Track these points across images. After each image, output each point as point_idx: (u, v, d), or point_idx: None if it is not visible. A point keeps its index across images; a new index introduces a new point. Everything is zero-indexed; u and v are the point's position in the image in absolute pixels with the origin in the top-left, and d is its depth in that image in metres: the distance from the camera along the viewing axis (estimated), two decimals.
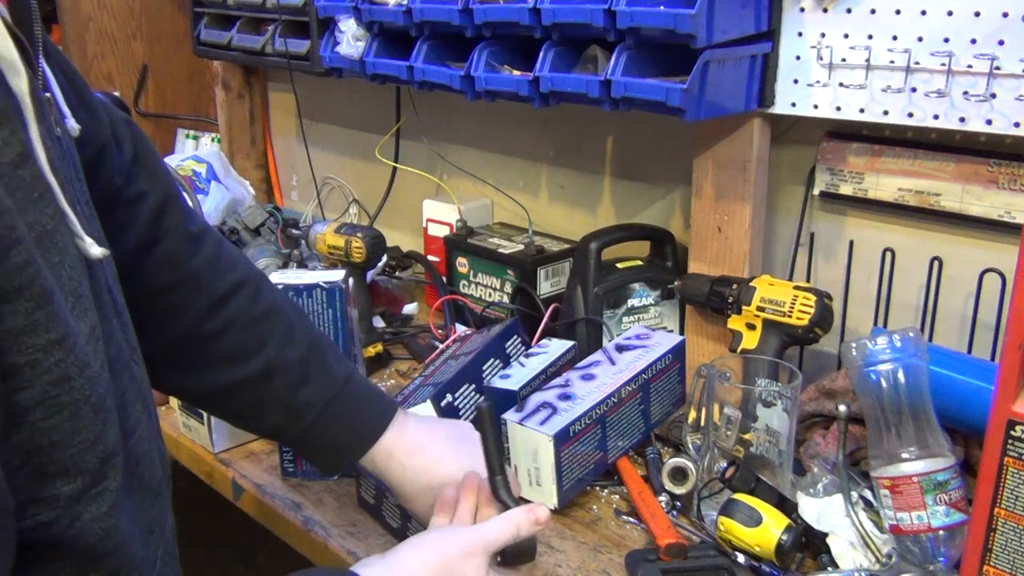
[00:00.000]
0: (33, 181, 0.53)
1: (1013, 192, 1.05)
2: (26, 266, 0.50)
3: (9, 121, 0.51)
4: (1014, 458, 0.76)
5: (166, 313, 0.83)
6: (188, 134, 2.30)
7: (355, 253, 1.44)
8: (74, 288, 0.56)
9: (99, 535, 0.56)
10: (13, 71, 0.52)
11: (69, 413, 0.53)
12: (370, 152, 1.84)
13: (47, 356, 0.51)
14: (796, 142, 1.24)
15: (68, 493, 0.54)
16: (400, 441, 0.90)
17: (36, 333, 0.50)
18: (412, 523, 0.95)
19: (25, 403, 0.51)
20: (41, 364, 0.51)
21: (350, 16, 1.44)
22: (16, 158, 0.51)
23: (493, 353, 1.21)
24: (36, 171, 0.53)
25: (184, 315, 0.84)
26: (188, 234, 0.85)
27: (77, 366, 0.53)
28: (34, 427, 0.51)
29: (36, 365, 0.51)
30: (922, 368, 0.91)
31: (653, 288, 1.37)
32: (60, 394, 0.52)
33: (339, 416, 0.88)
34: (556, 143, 1.59)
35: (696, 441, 1.08)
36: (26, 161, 0.52)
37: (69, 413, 0.53)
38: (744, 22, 1.10)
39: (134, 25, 2.21)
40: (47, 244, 0.53)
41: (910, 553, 0.89)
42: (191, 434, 1.22)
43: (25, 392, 0.51)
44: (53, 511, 0.53)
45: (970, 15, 0.99)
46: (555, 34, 1.17)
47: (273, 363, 0.86)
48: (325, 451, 0.90)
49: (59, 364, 0.52)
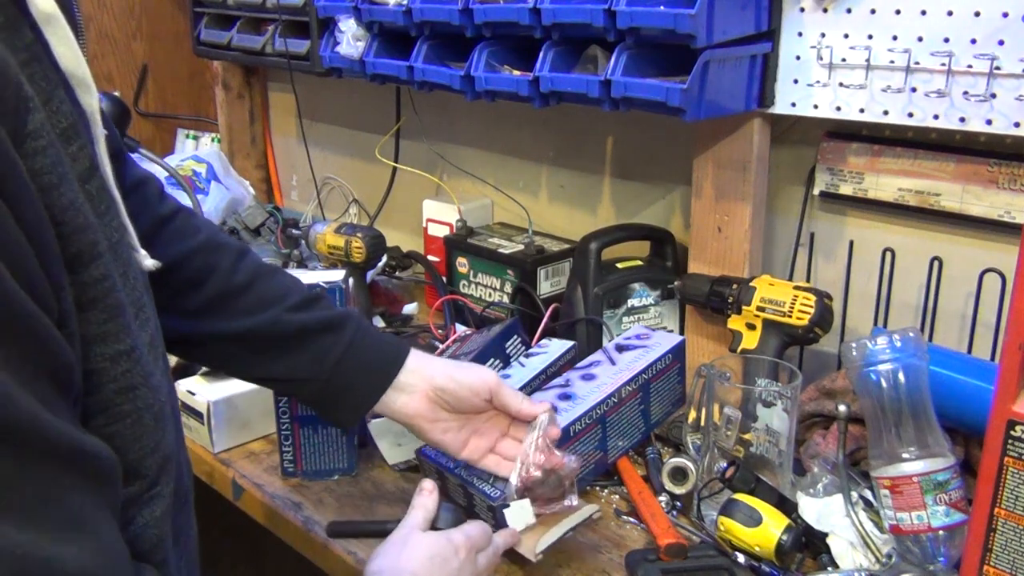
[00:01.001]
0: (100, 195, 0.55)
1: (1013, 192, 1.05)
2: (104, 279, 0.52)
3: (79, 136, 0.53)
4: (1014, 458, 0.76)
5: (196, 275, 0.89)
6: (188, 134, 2.31)
7: (355, 253, 1.44)
8: (137, 298, 0.58)
9: (153, 541, 0.57)
10: (85, 89, 0.55)
11: (132, 420, 0.55)
12: (370, 152, 1.84)
13: (114, 366, 0.53)
14: (796, 142, 1.24)
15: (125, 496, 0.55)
16: (428, 356, 0.97)
17: (106, 343, 0.52)
18: (477, 498, 0.97)
19: (88, 408, 0.52)
20: (108, 372, 0.53)
21: (350, 16, 1.44)
22: (85, 172, 0.54)
23: (493, 353, 1.21)
24: (103, 184, 0.55)
25: (214, 272, 0.90)
26: (188, 211, 0.93)
27: (141, 376, 0.55)
28: (97, 432, 0.52)
29: (103, 373, 0.53)
30: (922, 368, 0.91)
31: (653, 288, 1.37)
32: (124, 402, 0.54)
33: (370, 333, 0.95)
34: (556, 143, 1.59)
35: (696, 441, 1.08)
36: (94, 175, 0.55)
37: (132, 420, 0.55)
38: (744, 22, 1.10)
39: (134, 25, 2.21)
40: (116, 256, 0.55)
41: (910, 553, 0.89)
42: (191, 434, 1.22)
43: (90, 398, 0.52)
44: None
45: (970, 15, 0.99)
46: (555, 34, 1.17)
47: (307, 295, 0.94)
48: (369, 368, 0.94)
49: (125, 374, 0.54)
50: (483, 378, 0.95)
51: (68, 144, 0.52)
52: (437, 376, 0.94)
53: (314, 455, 1.12)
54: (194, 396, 1.18)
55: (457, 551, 0.82)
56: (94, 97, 0.56)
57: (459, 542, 0.83)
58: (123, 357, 0.54)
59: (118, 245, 0.56)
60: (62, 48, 0.53)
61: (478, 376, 0.95)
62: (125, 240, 0.58)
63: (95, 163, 0.55)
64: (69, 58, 0.54)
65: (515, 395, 0.96)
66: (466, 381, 0.94)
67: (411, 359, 0.95)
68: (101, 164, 0.56)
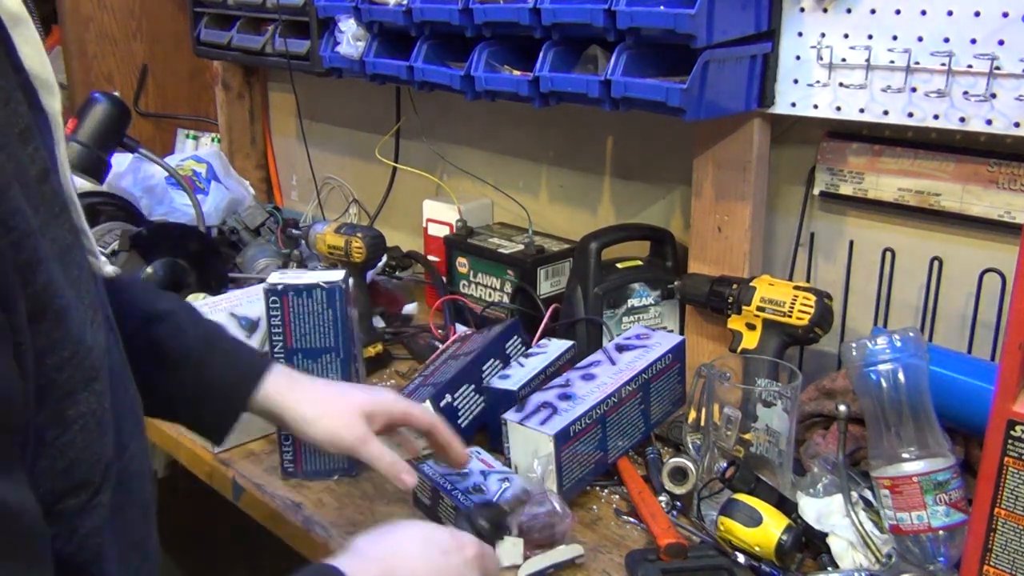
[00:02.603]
0: (54, 197, 0.54)
1: (1013, 192, 1.05)
2: (48, 285, 0.50)
3: (33, 138, 0.53)
4: (1014, 458, 0.76)
5: None
6: (188, 134, 2.31)
7: (355, 253, 1.44)
8: (92, 301, 0.57)
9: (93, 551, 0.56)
10: (49, 91, 0.55)
11: (79, 427, 0.54)
12: (370, 152, 1.84)
13: (59, 374, 0.52)
14: (796, 142, 1.24)
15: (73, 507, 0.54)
16: (294, 372, 0.92)
17: (54, 352, 0.51)
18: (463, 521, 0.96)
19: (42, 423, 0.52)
20: (55, 381, 0.52)
21: (350, 16, 1.44)
22: (39, 173, 0.53)
23: (493, 353, 1.21)
24: (57, 187, 0.55)
25: None
26: None
27: (84, 381, 0.54)
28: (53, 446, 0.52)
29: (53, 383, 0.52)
30: (922, 368, 0.91)
31: (653, 288, 1.37)
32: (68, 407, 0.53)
33: (222, 353, 0.90)
34: (556, 143, 1.59)
35: (696, 441, 1.08)
36: (48, 177, 0.54)
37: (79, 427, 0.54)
38: (744, 22, 1.10)
39: (134, 25, 2.21)
40: (67, 259, 0.54)
41: (910, 553, 0.89)
42: (191, 434, 1.22)
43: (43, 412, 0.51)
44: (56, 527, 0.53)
45: (970, 15, 0.99)
46: (555, 34, 1.17)
47: (148, 315, 0.87)
48: (222, 387, 0.89)
49: (68, 380, 0.53)
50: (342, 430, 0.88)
51: (25, 145, 0.52)
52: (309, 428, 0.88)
53: (314, 455, 1.12)
54: None
55: (462, 549, 0.75)
56: (57, 99, 0.56)
57: (468, 543, 0.77)
58: (66, 364, 0.52)
59: (71, 248, 0.55)
60: (27, 49, 0.53)
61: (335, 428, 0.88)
62: (80, 243, 0.57)
63: (52, 165, 0.55)
64: (34, 59, 0.54)
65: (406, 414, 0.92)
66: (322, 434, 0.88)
67: (268, 384, 0.89)
68: (60, 166, 0.55)
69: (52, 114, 0.56)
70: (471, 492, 0.99)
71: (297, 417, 0.88)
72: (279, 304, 1.08)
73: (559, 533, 0.96)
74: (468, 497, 0.98)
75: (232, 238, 1.87)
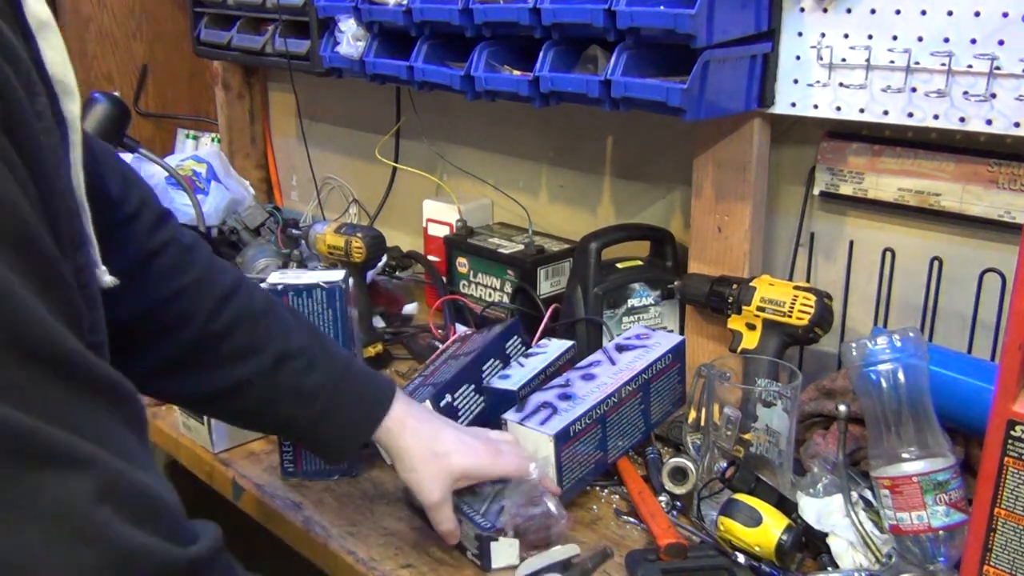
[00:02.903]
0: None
1: (1013, 192, 1.05)
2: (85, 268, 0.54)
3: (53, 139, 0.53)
4: (1014, 458, 0.76)
5: (174, 321, 0.85)
6: (188, 134, 2.31)
7: (355, 253, 1.44)
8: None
9: None
10: (69, 96, 0.55)
11: None
12: (370, 152, 1.84)
13: None
14: (796, 142, 1.24)
15: None
16: (411, 408, 0.95)
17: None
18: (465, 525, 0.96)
19: None
20: None
21: (350, 16, 1.44)
22: None
23: (493, 353, 1.21)
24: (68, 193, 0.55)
25: (192, 319, 0.85)
26: (183, 245, 0.87)
27: None
28: None
29: None
30: (922, 368, 0.91)
31: (653, 288, 1.37)
32: None
33: (348, 394, 0.92)
34: (556, 143, 1.59)
35: (696, 441, 1.08)
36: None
37: None
38: (744, 22, 1.10)
39: (134, 25, 2.21)
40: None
41: (910, 553, 0.89)
42: (191, 434, 1.22)
43: None
44: None
45: (970, 15, 0.99)
46: (555, 34, 1.17)
47: (282, 353, 0.88)
48: (338, 433, 0.93)
49: None
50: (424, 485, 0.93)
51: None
52: (400, 472, 0.94)
53: (314, 455, 1.12)
54: None
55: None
56: (76, 104, 0.56)
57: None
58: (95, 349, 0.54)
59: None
60: (52, 54, 0.54)
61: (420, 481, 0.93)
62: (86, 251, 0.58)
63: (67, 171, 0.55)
64: (58, 64, 0.54)
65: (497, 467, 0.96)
66: (410, 483, 0.94)
67: (383, 432, 0.93)
68: (74, 172, 0.56)
69: (71, 119, 0.56)
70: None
71: (398, 461, 0.94)
72: None
73: (555, 535, 0.97)
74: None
75: (232, 238, 1.87)
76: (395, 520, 1.04)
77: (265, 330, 0.88)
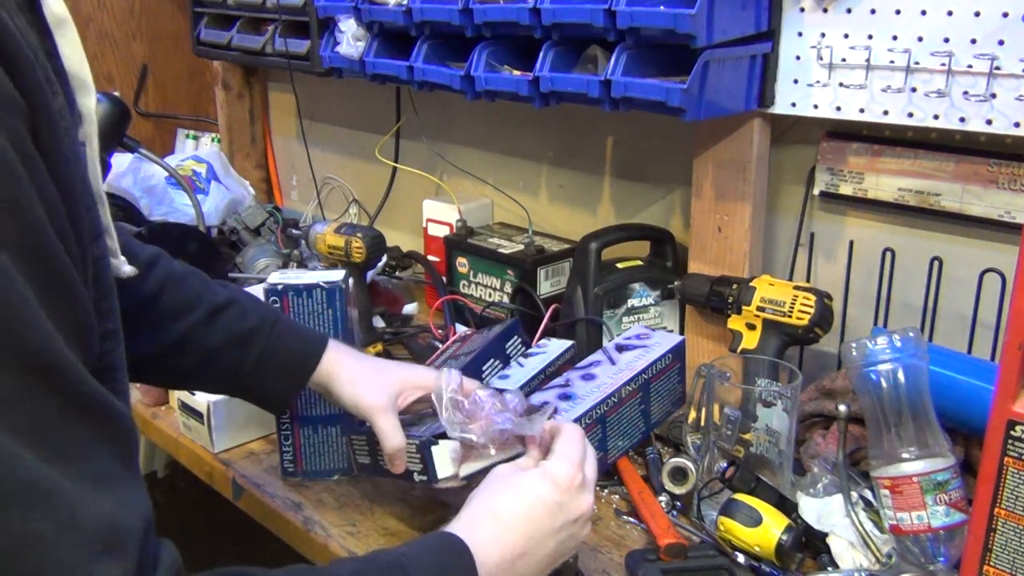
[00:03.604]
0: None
1: (1013, 192, 1.05)
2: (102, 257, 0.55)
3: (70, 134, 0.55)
4: (1014, 458, 0.76)
5: None
6: (188, 134, 2.31)
7: (355, 253, 1.44)
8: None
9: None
10: (85, 91, 0.57)
11: None
12: (370, 152, 1.84)
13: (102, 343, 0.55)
14: (796, 142, 1.24)
15: None
16: (347, 347, 1.00)
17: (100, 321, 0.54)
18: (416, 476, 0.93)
19: None
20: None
21: (350, 16, 1.44)
22: None
23: (493, 353, 1.21)
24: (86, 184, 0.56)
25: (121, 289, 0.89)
26: None
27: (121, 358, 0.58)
28: None
29: None
30: (922, 368, 0.91)
31: (653, 288, 1.37)
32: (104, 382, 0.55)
33: (285, 333, 0.97)
34: (556, 143, 1.59)
35: (696, 441, 1.08)
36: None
37: None
38: (744, 22, 1.10)
39: (134, 25, 2.21)
40: None
41: (910, 553, 0.89)
42: (191, 434, 1.22)
43: None
44: None
45: (970, 15, 0.99)
46: (555, 34, 1.17)
47: (213, 306, 0.95)
48: (282, 369, 0.97)
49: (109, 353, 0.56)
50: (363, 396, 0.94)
51: None
52: (341, 390, 0.96)
53: (314, 455, 1.12)
54: (194, 396, 1.18)
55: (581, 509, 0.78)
56: (92, 98, 0.57)
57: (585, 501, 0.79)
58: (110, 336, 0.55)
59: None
60: (69, 50, 0.55)
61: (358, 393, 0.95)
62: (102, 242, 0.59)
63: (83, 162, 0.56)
64: (75, 60, 0.55)
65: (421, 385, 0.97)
66: (346, 398, 0.96)
67: (325, 362, 0.97)
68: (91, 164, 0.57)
69: (86, 112, 0.57)
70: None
71: (337, 382, 0.96)
72: (279, 304, 1.08)
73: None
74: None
75: (232, 238, 1.87)
76: (395, 520, 1.04)
77: (192, 288, 0.95)
